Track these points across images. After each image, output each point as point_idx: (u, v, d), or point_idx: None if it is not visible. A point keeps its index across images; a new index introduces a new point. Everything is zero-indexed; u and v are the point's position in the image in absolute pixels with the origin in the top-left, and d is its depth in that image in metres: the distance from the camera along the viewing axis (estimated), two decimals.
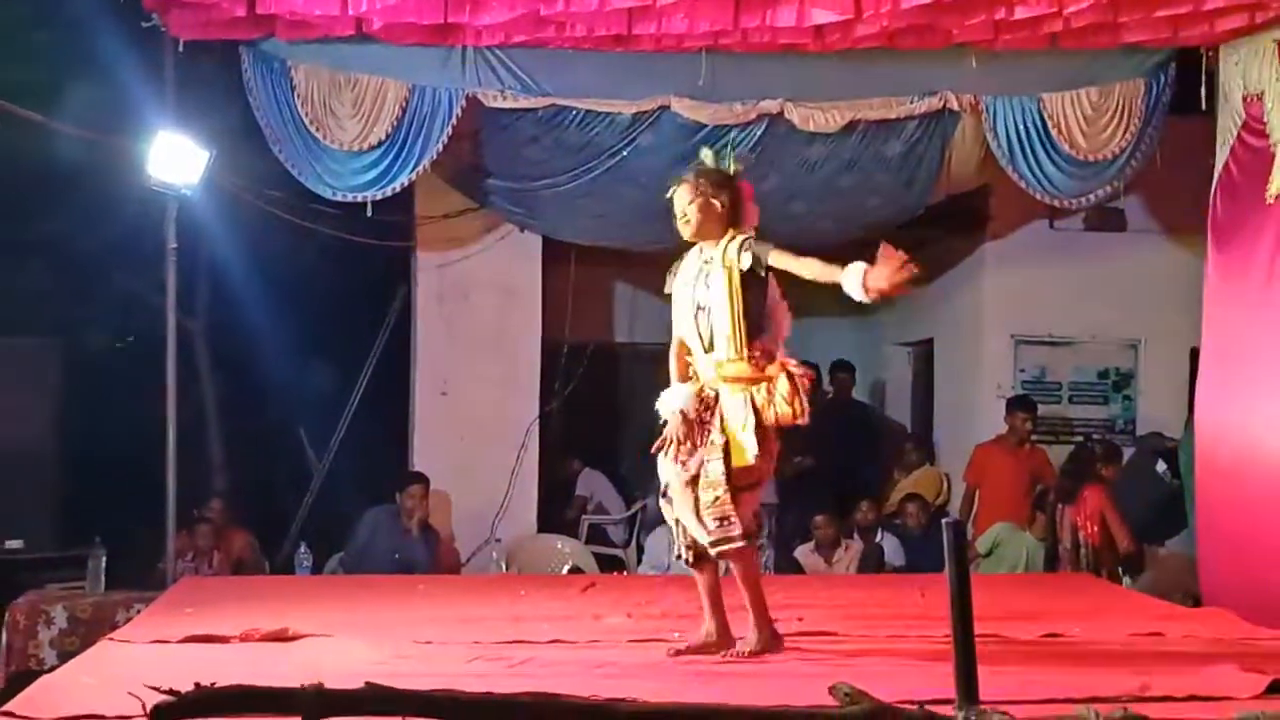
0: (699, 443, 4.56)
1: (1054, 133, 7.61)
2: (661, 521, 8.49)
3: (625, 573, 8.68)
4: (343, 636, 4.92)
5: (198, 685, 2.20)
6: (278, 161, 7.50)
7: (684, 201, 4.69)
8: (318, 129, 7.41)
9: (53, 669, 5.46)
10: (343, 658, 4.27)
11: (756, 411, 4.49)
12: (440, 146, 7.48)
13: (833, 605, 5.87)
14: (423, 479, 8.04)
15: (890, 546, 8.26)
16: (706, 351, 4.64)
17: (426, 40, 7.31)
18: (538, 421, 8.86)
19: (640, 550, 8.97)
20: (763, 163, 7.70)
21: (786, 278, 4.77)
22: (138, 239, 8.14)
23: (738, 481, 4.50)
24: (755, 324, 4.58)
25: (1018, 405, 8.69)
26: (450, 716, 2.44)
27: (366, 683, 2.32)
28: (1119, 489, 7.78)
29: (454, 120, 7.46)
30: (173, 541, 7.22)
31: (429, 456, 8.61)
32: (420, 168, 7.53)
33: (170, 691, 2.19)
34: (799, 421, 4.54)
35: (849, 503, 8.45)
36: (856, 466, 9.45)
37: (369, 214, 7.73)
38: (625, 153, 7.67)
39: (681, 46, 7.34)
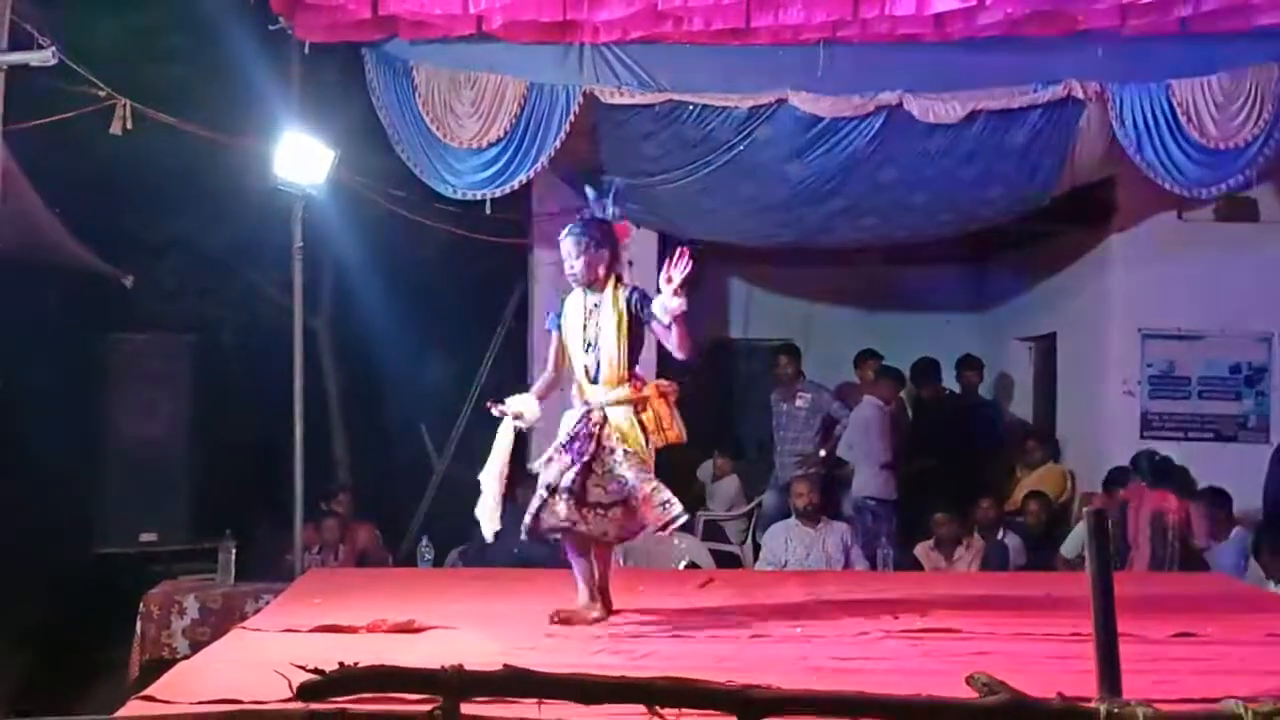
0: (592, 454, 5.14)
1: (1183, 121, 7.42)
2: (777, 518, 8.56)
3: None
4: (467, 628, 4.97)
5: (341, 665, 2.25)
6: (399, 160, 7.64)
7: (571, 255, 5.21)
8: (438, 127, 7.52)
9: (185, 657, 5.61)
10: (469, 648, 4.32)
11: (646, 431, 5.13)
12: (558, 143, 7.53)
13: (955, 602, 5.77)
14: None
15: (1013, 545, 8.12)
16: (592, 382, 5.20)
17: (544, 38, 7.38)
18: None
19: (757, 547, 8.93)
20: (881, 155, 7.66)
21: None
22: (264, 238, 8.33)
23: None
24: (635, 358, 5.22)
25: None
26: (588, 699, 2.46)
27: (505, 665, 2.35)
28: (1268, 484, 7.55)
29: (571, 117, 7.51)
30: (300, 534, 7.36)
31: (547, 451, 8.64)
32: (538, 164, 7.59)
33: (316, 671, 2.24)
34: (683, 440, 5.22)
35: (971, 500, 8.32)
36: (979, 463, 9.30)
37: (488, 211, 7.81)
38: (742, 147, 7.66)
39: (799, 39, 7.30)
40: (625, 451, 5.09)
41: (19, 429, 5.66)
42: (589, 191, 5.52)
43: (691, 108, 7.57)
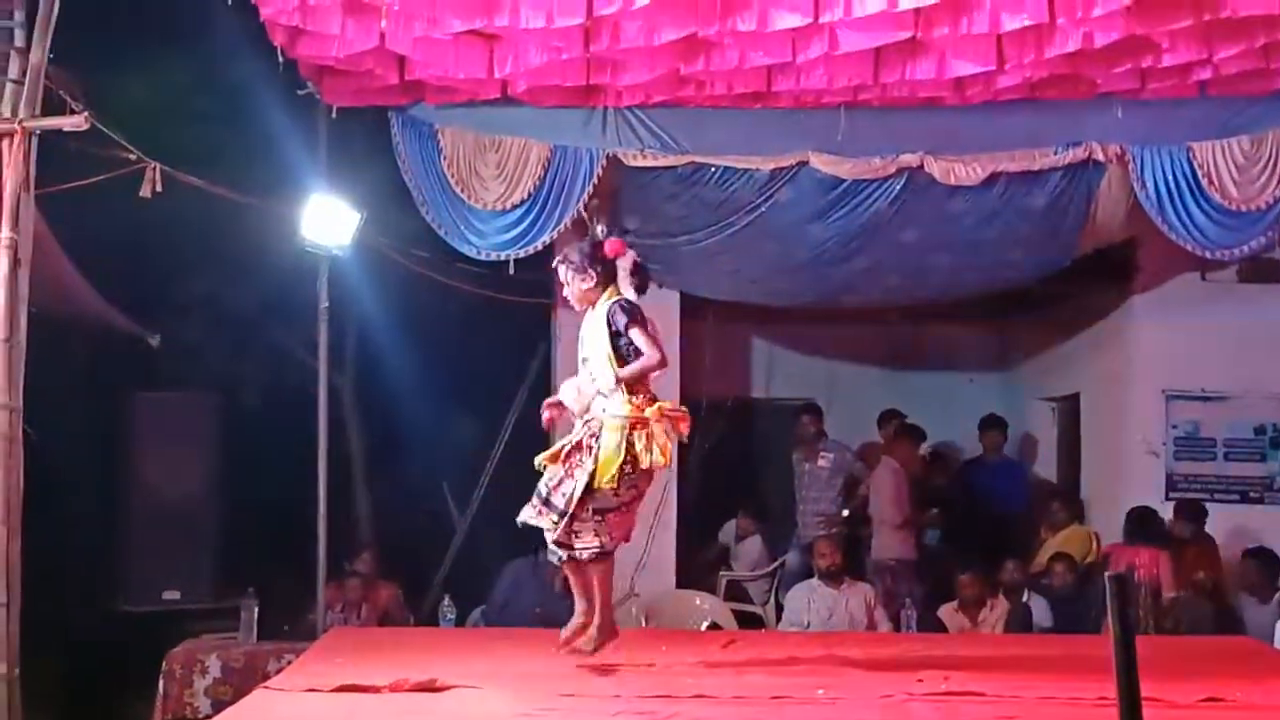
0: (575, 462, 5.16)
1: (1204, 183, 7.44)
2: (800, 578, 8.53)
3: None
4: (489, 688, 4.96)
5: None
6: (424, 221, 7.72)
7: (564, 281, 5.32)
8: (463, 190, 7.60)
9: (207, 717, 5.63)
10: (490, 708, 4.32)
11: (634, 455, 5.06)
12: (581, 205, 7.60)
13: (980, 664, 5.73)
14: None
15: (1038, 607, 8.05)
16: (594, 395, 5.22)
17: (568, 102, 7.47)
18: (676, 477, 8.87)
19: (779, 608, 8.89)
20: (903, 216, 7.70)
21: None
22: (290, 298, 8.40)
23: (597, 503, 5.14)
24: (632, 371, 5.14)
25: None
26: None
27: None
28: None
29: (594, 179, 7.59)
30: (323, 593, 7.36)
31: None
32: (562, 226, 7.65)
33: None
34: (667, 466, 5.26)
35: (995, 561, 8.27)
36: (1003, 524, 9.26)
37: (511, 272, 7.87)
38: (764, 208, 7.72)
39: (820, 102, 7.37)
40: (593, 469, 5.09)
41: (45, 486, 5.70)
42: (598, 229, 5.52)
43: (714, 169, 7.64)
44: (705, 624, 8.07)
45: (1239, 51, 6.44)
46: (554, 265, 5.39)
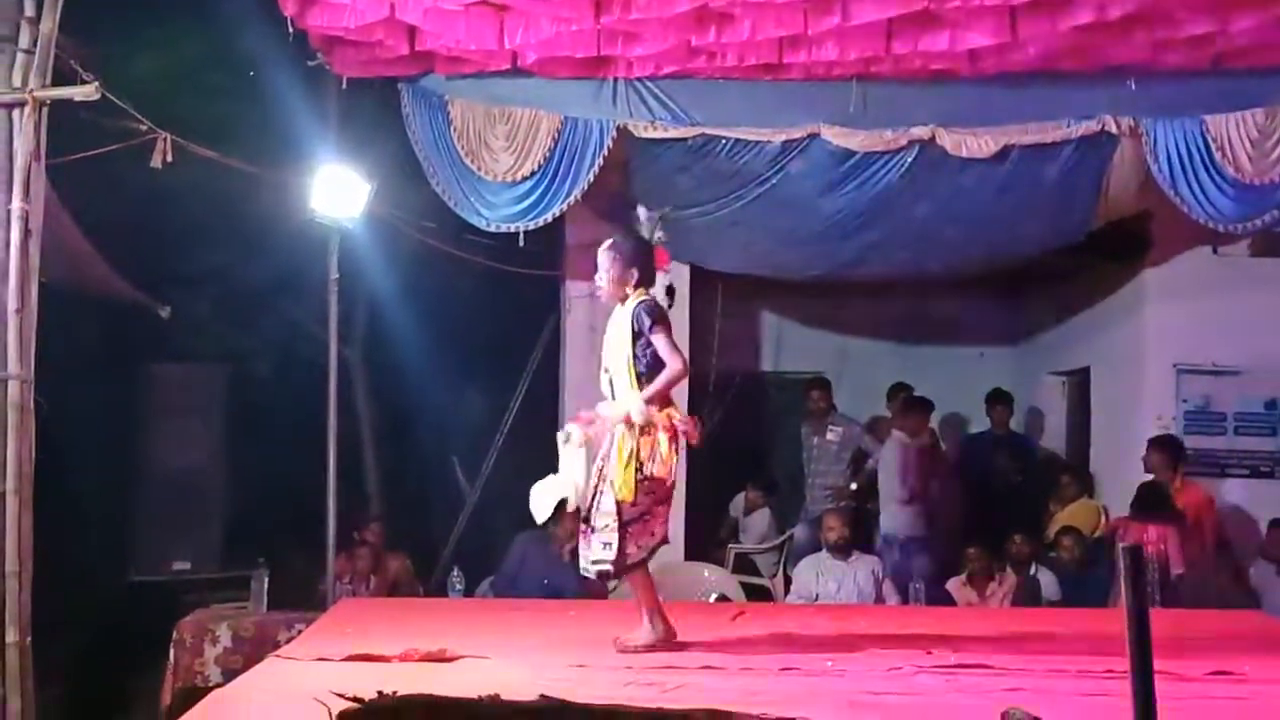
0: (602, 475, 5.15)
1: (1218, 156, 7.39)
2: (808, 551, 8.54)
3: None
4: (499, 658, 4.98)
5: (380, 693, 2.26)
6: (434, 193, 7.70)
7: (601, 269, 5.25)
8: (473, 161, 7.58)
9: (217, 685, 5.64)
10: (500, 679, 4.32)
11: (640, 463, 5.04)
12: (591, 177, 7.58)
13: (988, 638, 5.73)
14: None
15: (1046, 580, 8.06)
16: (612, 399, 5.19)
17: (579, 73, 7.44)
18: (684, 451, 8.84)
19: (788, 581, 8.90)
20: (914, 189, 7.67)
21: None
22: (300, 270, 8.40)
23: (624, 516, 5.08)
24: (647, 375, 5.08)
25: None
26: None
27: (541, 695, 2.36)
28: None
29: (605, 151, 7.56)
30: (333, 563, 7.39)
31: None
32: (572, 198, 7.63)
33: (354, 699, 2.26)
34: (671, 479, 5.14)
35: (1004, 535, 8.27)
36: (1011, 498, 9.25)
37: (521, 244, 7.86)
38: (774, 181, 7.68)
39: (832, 74, 7.34)
40: (612, 477, 5.07)
41: (56, 457, 5.71)
42: (641, 211, 5.42)
43: (724, 142, 7.60)
44: (713, 596, 8.08)
45: (1253, 23, 6.40)
46: (600, 249, 5.27)
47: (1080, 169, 7.65)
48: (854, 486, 9.33)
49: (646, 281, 5.24)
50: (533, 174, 7.58)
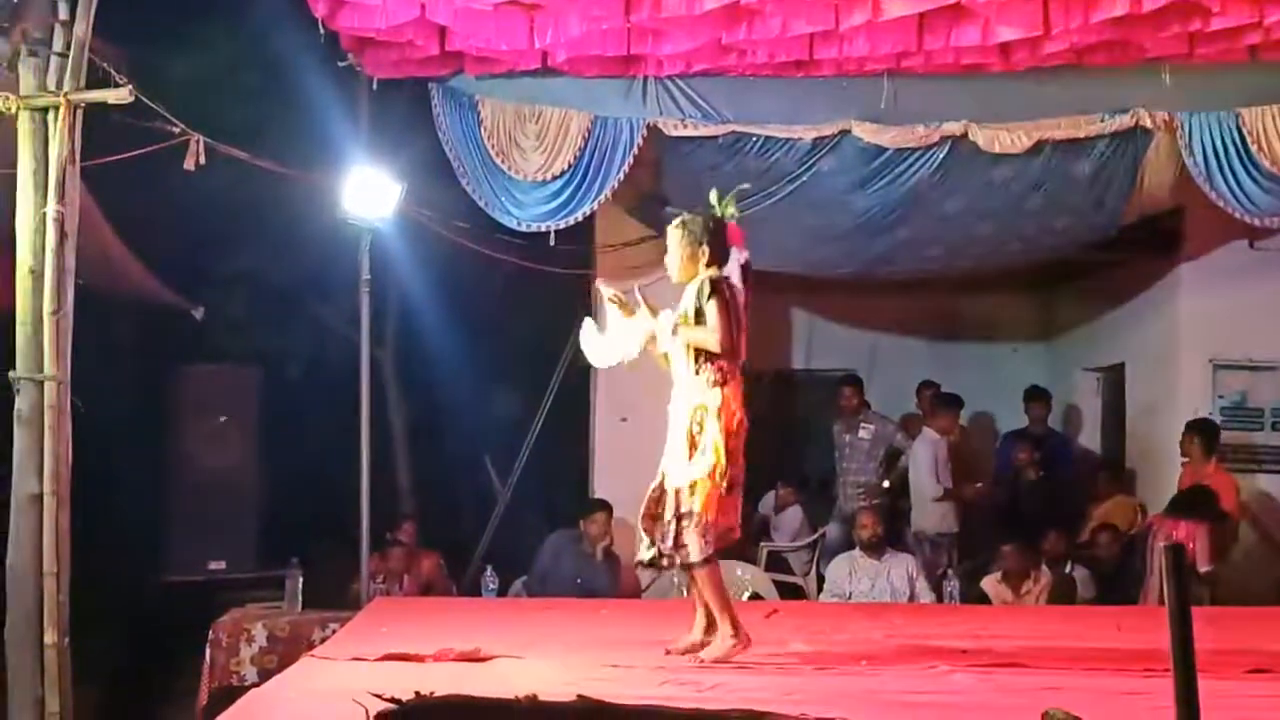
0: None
1: (1253, 149, 7.33)
2: (841, 550, 8.50)
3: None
4: (533, 658, 4.98)
5: (417, 694, 2.26)
6: (464, 193, 7.71)
7: (672, 247, 5.11)
8: (503, 160, 7.58)
9: (253, 685, 5.67)
10: (535, 678, 4.32)
11: (705, 447, 4.83)
12: (621, 175, 7.57)
13: (1024, 636, 5.70)
14: (606, 507, 8.12)
15: (1081, 578, 8.00)
16: (673, 380, 5.04)
17: (609, 72, 7.44)
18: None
19: (820, 579, 8.87)
20: (946, 185, 7.63)
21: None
22: (331, 270, 8.43)
23: (685, 505, 4.86)
24: (706, 354, 4.88)
25: None
26: None
27: (579, 695, 2.36)
28: None
29: (635, 149, 7.55)
30: (367, 563, 7.41)
31: (609, 483, 8.68)
32: (602, 197, 7.63)
33: (392, 700, 2.26)
34: (721, 467, 4.81)
35: (1039, 533, 8.21)
36: (1047, 495, 9.19)
37: (552, 243, 7.86)
38: (805, 178, 7.65)
39: (863, 70, 7.30)
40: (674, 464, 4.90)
41: (93, 457, 5.75)
42: (712, 195, 5.28)
43: (755, 139, 7.57)
44: (746, 594, 8.06)
45: None
46: (669, 228, 5.13)
47: (1114, 163, 7.59)
48: (886, 484, 9.29)
49: (719, 260, 5.06)
50: (563, 173, 7.58)
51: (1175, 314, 9.09)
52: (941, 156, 7.52)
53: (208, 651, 6.60)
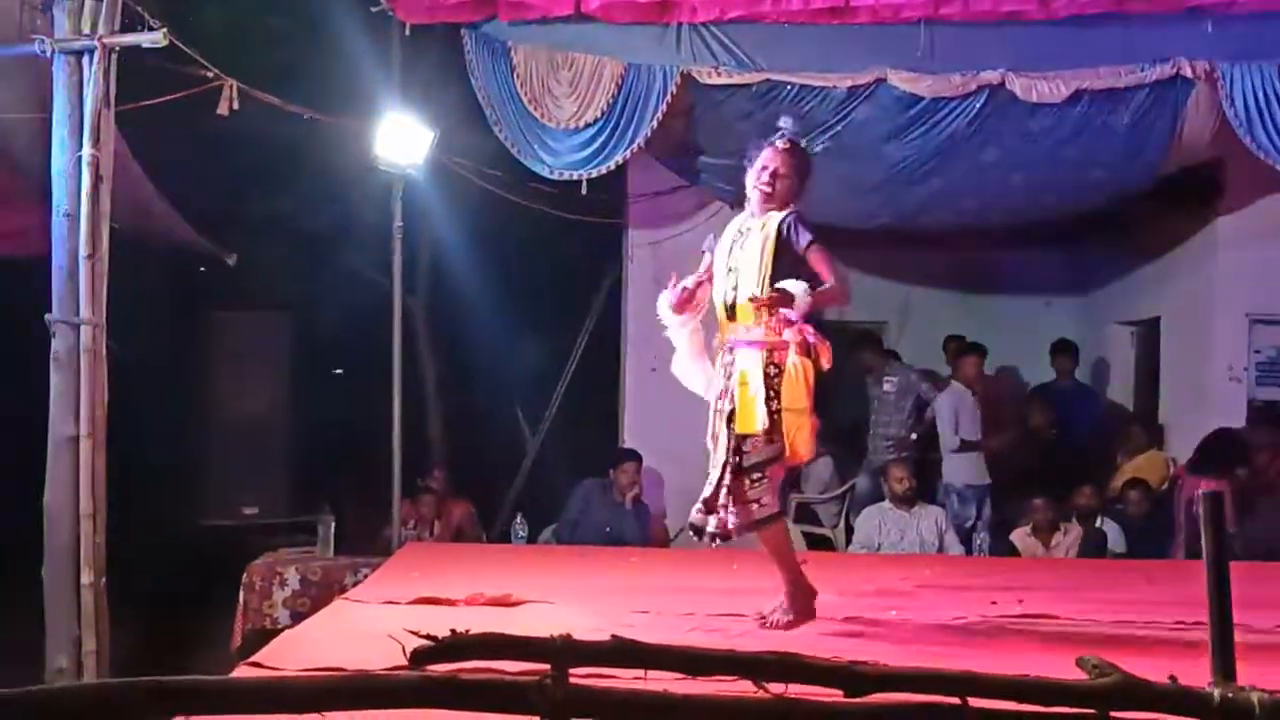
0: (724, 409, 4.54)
1: None
2: (870, 501, 8.50)
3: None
4: (563, 604, 5.02)
5: (453, 632, 2.29)
6: (497, 140, 7.68)
7: (767, 166, 4.67)
8: (535, 108, 7.55)
9: (286, 627, 5.73)
10: (565, 624, 4.34)
11: (768, 381, 4.46)
12: (654, 124, 7.52)
13: (1053, 588, 5.70)
14: (636, 456, 8.14)
15: (1112, 532, 7.99)
16: (730, 318, 4.63)
17: (642, 19, 7.38)
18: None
19: (849, 530, 8.88)
20: (982, 135, 7.55)
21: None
22: (363, 217, 8.45)
23: (752, 457, 4.50)
24: (781, 292, 4.44)
25: None
26: (696, 671, 2.48)
27: (613, 635, 2.38)
28: None
29: (668, 98, 7.50)
30: (398, 509, 7.46)
31: (639, 432, 8.70)
32: (635, 145, 7.58)
33: (428, 638, 2.29)
34: (801, 413, 4.50)
35: (1070, 487, 8.18)
36: (1078, 450, 9.15)
37: (584, 192, 7.83)
38: (840, 127, 7.58)
39: (899, 18, 7.23)
40: (736, 409, 4.46)
41: (128, 401, 5.80)
42: (785, 120, 4.89)
43: (789, 88, 7.51)
44: None
45: None
46: (765, 144, 4.71)
47: (1153, 114, 7.49)
48: (914, 436, 9.27)
49: (798, 196, 4.72)
50: (596, 121, 7.54)
51: (1212, 268, 8.99)
52: (978, 106, 7.44)
53: (241, 594, 6.68)
